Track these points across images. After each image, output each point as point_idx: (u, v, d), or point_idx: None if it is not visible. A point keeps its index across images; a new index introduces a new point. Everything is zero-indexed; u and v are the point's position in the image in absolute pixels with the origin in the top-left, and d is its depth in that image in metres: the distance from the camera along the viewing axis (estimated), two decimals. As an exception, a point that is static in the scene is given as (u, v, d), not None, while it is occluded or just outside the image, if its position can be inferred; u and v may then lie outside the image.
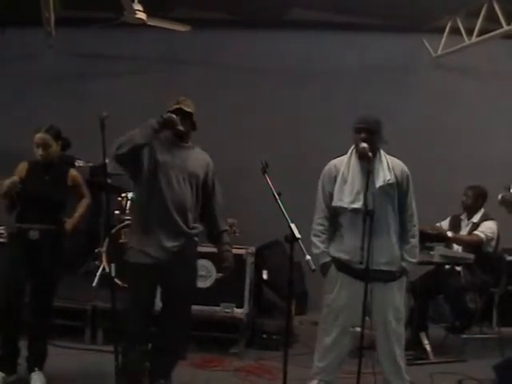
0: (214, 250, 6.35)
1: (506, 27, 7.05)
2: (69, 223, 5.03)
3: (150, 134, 4.46)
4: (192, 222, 4.71)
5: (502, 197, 5.45)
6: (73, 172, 5.11)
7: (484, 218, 6.53)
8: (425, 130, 8.68)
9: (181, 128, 4.58)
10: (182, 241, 4.63)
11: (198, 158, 4.79)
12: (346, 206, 4.56)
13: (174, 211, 4.56)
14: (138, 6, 7.27)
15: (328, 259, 4.64)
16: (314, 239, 4.67)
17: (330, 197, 4.66)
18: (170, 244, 4.57)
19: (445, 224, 6.76)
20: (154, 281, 4.65)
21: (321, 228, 4.68)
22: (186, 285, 4.76)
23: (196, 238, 4.82)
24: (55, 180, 4.94)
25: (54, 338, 6.08)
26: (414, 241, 4.71)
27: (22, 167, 4.93)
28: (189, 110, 4.65)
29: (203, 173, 4.79)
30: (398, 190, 4.62)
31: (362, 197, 4.47)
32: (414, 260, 4.69)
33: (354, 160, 4.66)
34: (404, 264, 4.64)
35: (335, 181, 4.66)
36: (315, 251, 4.60)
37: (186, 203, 4.64)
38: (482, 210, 6.61)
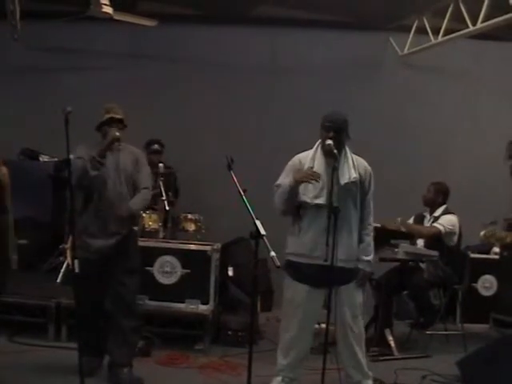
0: (179, 246, 6.37)
1: (471, 27, 7.13)
2: None
3: (99, 166, 4.80)
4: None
5: (484, 234, 5.51)
6: (2, 168, 4.92)
7: (445, 213, 6.60)
8: (389, 128, 8.74)
9: (119, 136, 4.91)
10: (118, 238, 4.97)
11: (127, 157, 5.11)
12: (309, 200, 4.58)
13: (112, 211, 4.92)
14: (104, 0, 7.21)
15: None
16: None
17: None
18: (109, 241, 4.95)
19: (410, 222, 6.81)
20: (94, 273, 4.89)
21: None
22: (127, 274, 5.02)
23: (135, 228, 5.24)
24: None
25: (17, 335, 6.04)
26: (369, 239, 4.72)
27: None
28: (119, 116, 5.01)
29: (133, 166, 5.10)
30: (360, 187, 4.65)
31: (325, 193, 4.50)
32: (368, 258, 4.70)
33: (320, 156, 4.67)
34: (360, 266, 4.66)
35: None
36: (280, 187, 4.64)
37: (125, 201, 5.00)
38: (444, 206, 6.68)
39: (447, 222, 6.50)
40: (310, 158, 4.69)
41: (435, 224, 6.51)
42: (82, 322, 4.86)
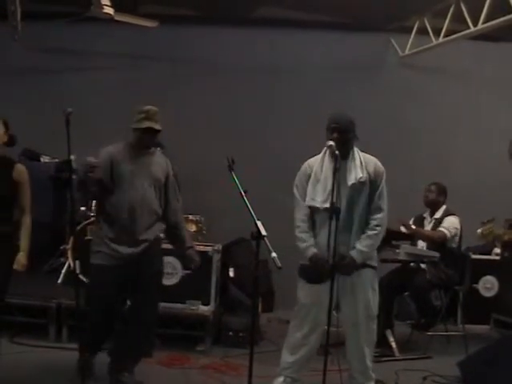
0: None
1: (472, 28, 7.13)
2: (22, 257, 4.56)
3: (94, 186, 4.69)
4: (157, 223, 4.97)
5: (481, 232, 5.49)
6: (19, 166, 4.68)
7: (446, 214, 6.58)
8: (389, 129, 8.73)
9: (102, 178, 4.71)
10: (145, 245, 4.85)
11: (158, 163, 5.00)
12: (318, 205, 4.59)
13: (141, 216, 4.81)
14: (105, 1, 7.20)
15: (314, 251, 4.59)
16: (301, 235, 4.67)
17: (305, 194, 4.69)
18: (134, 249, 4.81)
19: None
20: (119, 279, 4.81)
21: (305, 225, 4.68)
22: (151, 281, 4.93)
23: (161, 235, 5.06)
24: None
25: (18, 336, 6.03)
26: (371, 232, 4.63)
27: None
28: (158, 127, 4.79)
29: (164, 176, 5.00)
30: (370, 186, 4.63)
31: (334, 196, 4.48)
32: (364, 249, 4.59)
33: (327, 159, 4.67)
34: (352, 253, 4.57)
35: (309, 179, 4.69)
36: (301, 245, 4.63)
37: (152, 207, 4.88)
38: (444, 207, 6.67)
39: (451, 224, 6.49)
40: (319, 161, 4.70)
41: (441, 228, 6.49)
42: (89, 325, 4.80)
